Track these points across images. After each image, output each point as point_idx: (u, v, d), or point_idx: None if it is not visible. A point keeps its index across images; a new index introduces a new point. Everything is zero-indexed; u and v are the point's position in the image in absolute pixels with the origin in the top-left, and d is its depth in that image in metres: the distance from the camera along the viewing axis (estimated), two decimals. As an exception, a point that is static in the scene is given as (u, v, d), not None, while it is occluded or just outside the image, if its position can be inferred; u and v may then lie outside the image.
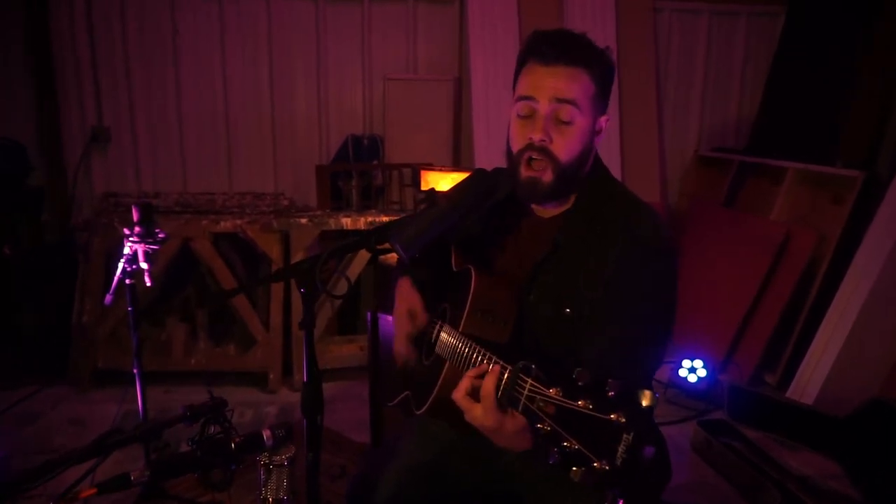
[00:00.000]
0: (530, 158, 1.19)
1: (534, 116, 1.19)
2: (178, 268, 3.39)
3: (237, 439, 1.11)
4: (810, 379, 2.82)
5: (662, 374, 3.19)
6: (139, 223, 1.88)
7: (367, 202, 3.80)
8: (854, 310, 2.79)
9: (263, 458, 1.19)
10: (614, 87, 1.27)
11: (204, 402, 1.15)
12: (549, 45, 1.17)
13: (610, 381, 0.81)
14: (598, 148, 1.28)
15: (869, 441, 2.37)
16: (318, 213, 3.37)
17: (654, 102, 4.06)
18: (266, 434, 1.14)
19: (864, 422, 2.40)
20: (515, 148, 1.22)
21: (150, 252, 1.91)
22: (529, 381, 0.91)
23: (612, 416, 0.78)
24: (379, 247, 1.11)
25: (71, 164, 3.86)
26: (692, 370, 3.11)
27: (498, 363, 1.02)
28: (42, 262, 3.51)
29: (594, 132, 1.23)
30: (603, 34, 3.81)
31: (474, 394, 1.02)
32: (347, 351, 3.41)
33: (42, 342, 3.26)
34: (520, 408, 0.92)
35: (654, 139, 4.05)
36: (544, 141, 1.18)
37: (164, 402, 3.07)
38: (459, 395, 1.03)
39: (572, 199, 1.26)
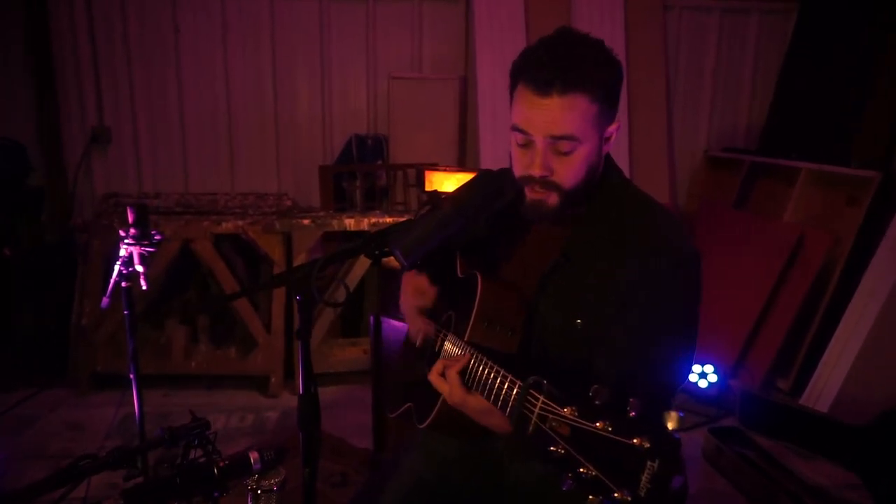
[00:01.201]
0: (534, 189, 1.12)
1: (531, 147, 1.10)
2: (178, 269, 3.35)
3: (221, 463, 1.03)
4: (825, 386, 2.75)
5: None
6: (134, 225, 1.83)
7: (370, 203, 3.74)
8: (871, 314, 2.71)
9: (251, 484, 1.11)
10: (622, 86, 1.17)
11: (185, 424, 1.08)
12: (540, 70, 1.06)
13: (631, 400, 0.73)
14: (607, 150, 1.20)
15: (888, 452, 2.29)
16: (321, 214, 3.32)
17: (664, 102, 3.99)
18: (253, 457, 1.08)
19: (883, 432, 2.32)
20: (517, 174, 1.14)
21: (146, 255, 1.86)
22: (541, 398, 0.84)
23: (634, 440, 0.71)
24: (379, 252, 1.05)
25: (71, 164, 3.81)
26: (702, 375, 3.05)
27: (472, 354, 1.02)
28: (42, 262, 3.46)
29: (601, 145, 1.14)
30: (611, 32, 3.74)
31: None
32: (350, 354, 3.35)
33: (42, 344, 3.22)
34: (530, 428, 0.85)
35: (662, 139, 3.98)
36: (545, 175, 1.10)
37: (164, 405, 3.02)
38: (433, 375, 1.09)
39: (584, 203, 1.19)
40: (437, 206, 1.05)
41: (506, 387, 0.96)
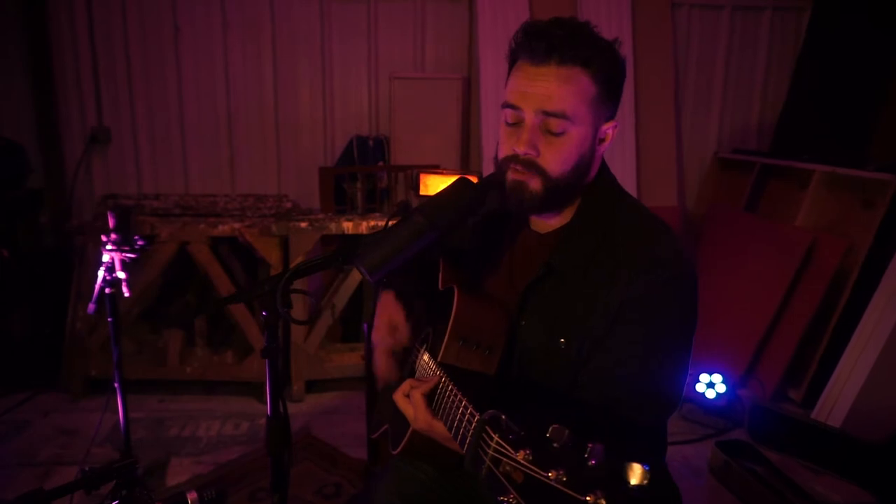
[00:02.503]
0: (516, 170, 1.05)
1: (520, 126, 1.04)
2: (178, 272, 3.31)
3: (154, 505, 0.96)
4: (838, 399, 2.63)
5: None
6: (115, 230, 1.77)
7: (371, 205, 3.67)
8: (887, 324, 2.59)
9: (188, 528, 1.04)
10: (629, 86, 1.10)
11: (110, 463, 1.00)
12: (538, 39, 1.00)
13: (590, 445, 0.64)
14: (606, 153, 1.12)
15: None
16: (320, 216, 3.25)
17: (672, 102, 3.88)
18: (191, 497, 1.00)
19: (899, 449, 2.22)
20: (501, 155, 1.07)
21: (128, 261, 1.80)
22: (496, 437, 0.73)
23: (588, 497, 0.61)
24: (347, 266, 0.97)
25: (71, 165, 3.78)
26: (710, 385, 2.95)
27: (440, 377, 0.95)
28: (40, 265, 3.43)
29: (595, 141, 1.06)
30: (618, 30, 3.64)
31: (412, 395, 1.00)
32: (350, 360, 3.28)
33: (38, 347, 3.18)
34: (483, 471, 0.75)
35: (671, 140, 3.87)
36: (530, 154, 1.03)
37: (159, 411, 2.98)
38: (398, 395, 1.02)
39: (572, 212, 1.11)
40: (408, 216, 0.97)
41: (465, 420, 0.87)
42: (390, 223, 1.00)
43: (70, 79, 3.72)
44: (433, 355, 1.04)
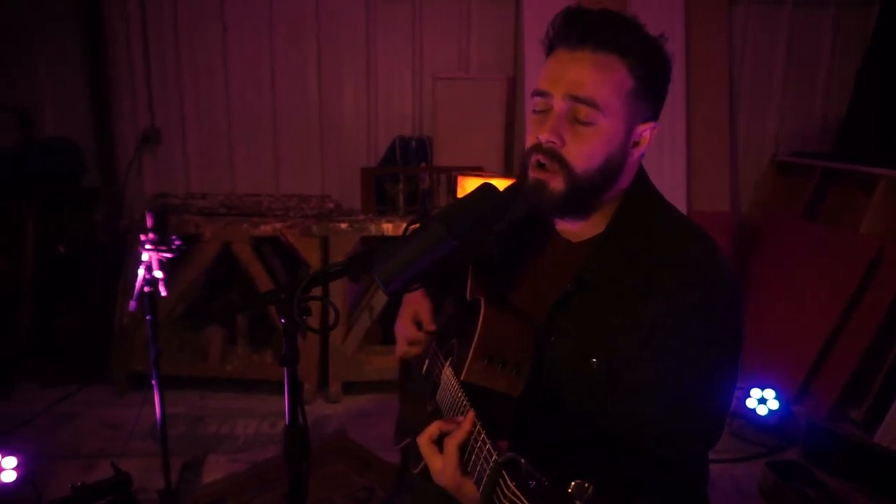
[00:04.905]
0: (539, 162, 0.98)
1: (547, 114, 0.98)
2: (223, 270, 3.36)
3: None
4: (904, 422, 2.46)
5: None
6: (153, 230, 1.79)
7: (412, 206, 3.64)
8: (960, 343, 2.41)
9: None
10: (680, 83, 1.02)
11: (104, 479, 0.99)
12: (576, 23, 0.95)
13: None
14: (653, 153, 1.04)
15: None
16: (360, 217, 3.25)
17: (727, 101, 3.71)
18: None
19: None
20: (526, 146, 1.01)
21: (164, 261, 1.81)
22: (512, 487, 0.66)
23: None
24: (363, 275, 0.93)
25: (124, 165, 3.89)
26: (762, 401, 2.80)
27: (474, 423, 0.83)
28: (93, 262, 3.54)
29: (628, 142, 0.98)
30: (671, 26, 3.50)
31: (440, 442, 0.86)
32: (389, 362, 3.25)
33: (87, 342, 3.28)
34: None
35: (725, 141, 3.70)
36: (553, 143, 0.96)
37: (199, 407, 3.03)
38: (424, 440, 0.89)
39: (604, 220, 1.03)
40: (426, 224, 0.92)
41: (483, 457, 0.79)
42: (409, 230, 0.95)
43: (124, 81, 3.82)
44: (456, 372, 0.99)
